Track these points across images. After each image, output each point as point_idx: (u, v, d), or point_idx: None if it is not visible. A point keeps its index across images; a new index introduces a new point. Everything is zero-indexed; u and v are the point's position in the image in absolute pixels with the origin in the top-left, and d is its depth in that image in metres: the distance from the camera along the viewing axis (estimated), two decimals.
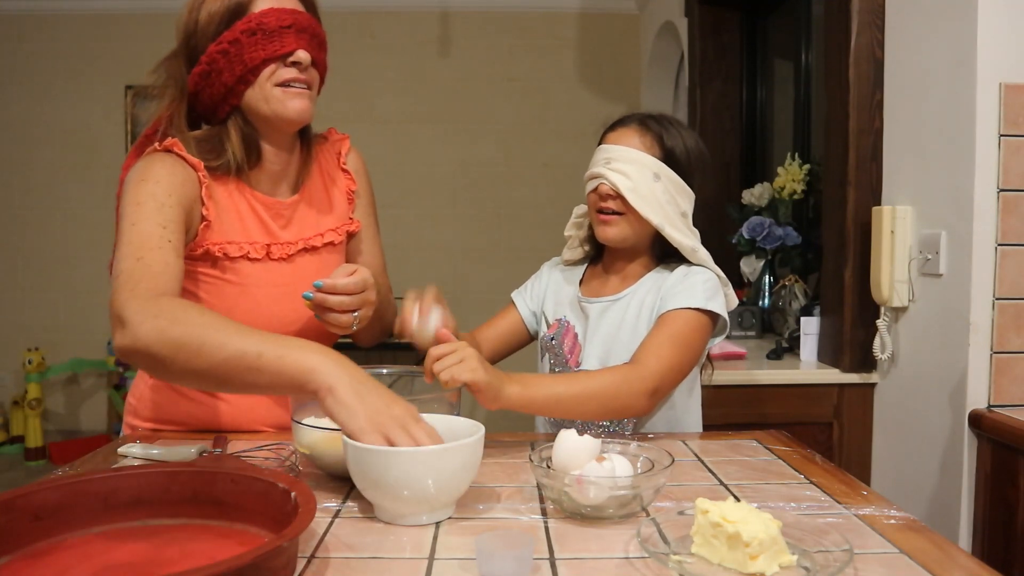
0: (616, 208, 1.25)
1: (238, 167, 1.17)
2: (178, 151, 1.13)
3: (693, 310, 1.20)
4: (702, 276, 1.25)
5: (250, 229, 1.20)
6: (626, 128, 1.28)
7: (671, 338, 1.19)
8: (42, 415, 4.30)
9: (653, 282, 1.29)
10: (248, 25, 1.11)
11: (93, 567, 0.72)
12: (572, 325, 1.34)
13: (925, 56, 1.71)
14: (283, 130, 1.20)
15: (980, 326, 1.54)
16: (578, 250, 1.41)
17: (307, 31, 1.15)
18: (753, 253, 2.56)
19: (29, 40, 4.47)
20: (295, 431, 1.00)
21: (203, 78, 1.15)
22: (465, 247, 4.60)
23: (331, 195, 1.31)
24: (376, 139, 4.22)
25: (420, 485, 0.81)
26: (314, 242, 1.25)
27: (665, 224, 1.24)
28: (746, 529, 0.69)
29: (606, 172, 1.24)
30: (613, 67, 4.57)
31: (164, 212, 1.07)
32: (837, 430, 1.98)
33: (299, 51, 1.13)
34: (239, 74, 1.12)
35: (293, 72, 1.14)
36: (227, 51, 1.12)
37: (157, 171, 1.10)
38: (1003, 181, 1.52)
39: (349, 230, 1.32)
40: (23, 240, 4.55)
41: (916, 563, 0.73)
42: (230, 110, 1.16)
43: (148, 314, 0.94)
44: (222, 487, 0.81)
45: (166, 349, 0.92)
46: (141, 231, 1.05)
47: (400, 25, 4.49)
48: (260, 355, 0.89)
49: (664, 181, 1.24)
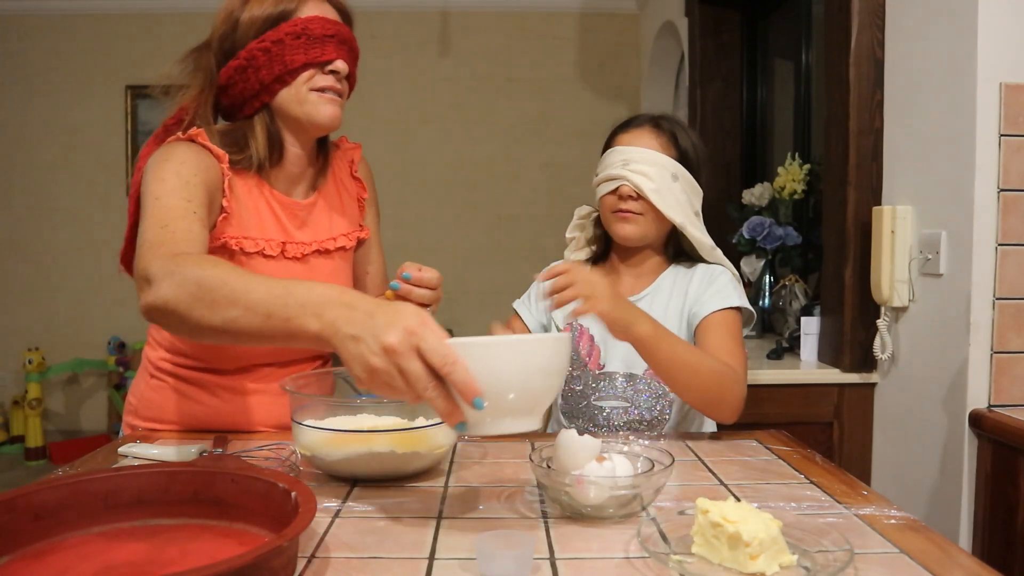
0: (636, 209, 1.26)
1: (259, 164, 1.19)
2: (202, 141, 1.14)
3: (733, 309, 1.24)
4: (726, 276, 1.28)
5: (267, 226, 1.21)
6: (640, 129, 1.30)
7: (733, 338, 1.22)
8: (42, 415, 4.30)
9: (673, 281, 1.30)
10: (294, 28, 1.14)
11: (93, 567, 0.72)
12: (586, 328, 1.34)
13: (925, 56, 1.71)
14: (310, 133, 1.22)
15: (980, 326, 1.54)
16: (584, 250, 1.41)
17: (347, 43, 1.19)
18: (753, 253, 2.55)
19: (29, 40, 4.48)
20: (295, 431, 1.00)
21: (239, 72, 1.17)
22: (465, 247, 4.60)
23: (344, 201, 1.33)
24: (376, 139, 4.21)
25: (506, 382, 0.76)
26: (327, 245, 1.27)
27: (687, 223, 1.26)
28: (746, 529, 0.69)
29: (627, 174, 1.25)
30: (613, 67, 4.57)
31: (189, 188, 1.07)
32: (837, 430, 1.98)
33: (339, 61, 1.17)
34: (278, 73, 1.15)
35: (330, 80, 1.17)
36: (269, 49, 1.14)
37: (182, 153, 1.11)
38: (1003, 181, 1.52)
39: (360, 236, 1.34)
40: (23, 240, 4.55)
41: (916, 563, 0.73)
42: (259, 107, 1.18)
43: (166, 271, 0.92)
44: (222, 487, 0.81)
45: (182, 304, 0.89)
46: (165, 204, 1.04)
47: (400, 25, 4.49)
48: (269, 316, 0.83)
49: (681, 181, 1.27)
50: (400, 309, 0.76)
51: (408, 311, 0.75)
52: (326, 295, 0.80)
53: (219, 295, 0.86)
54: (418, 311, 0.76)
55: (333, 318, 0.78)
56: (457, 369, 0.72)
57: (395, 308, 0.76)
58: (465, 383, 0.72)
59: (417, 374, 0.72)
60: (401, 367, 0.73)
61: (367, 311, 0.76)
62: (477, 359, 0.74)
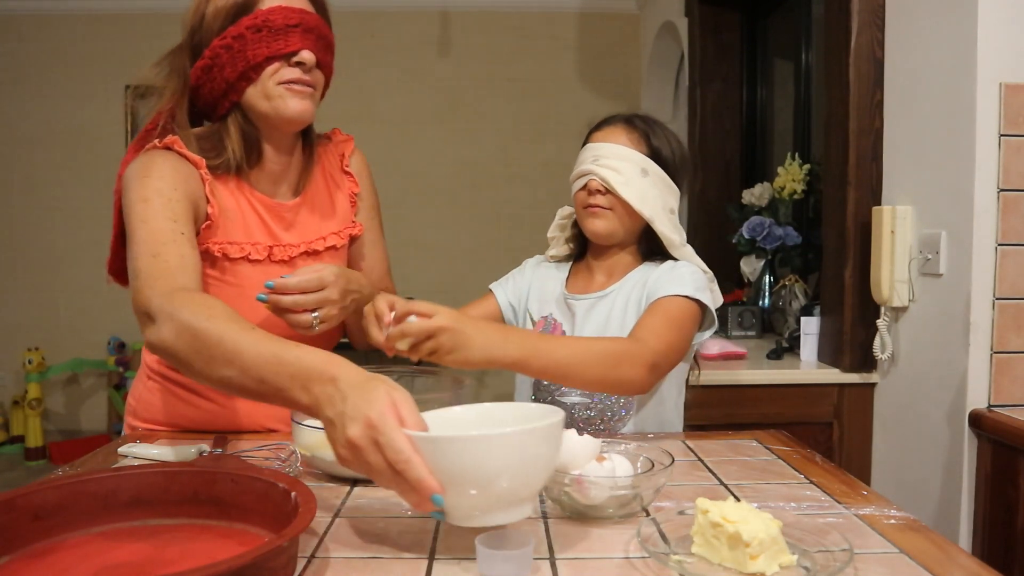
0: (605, 204, 1.26)
1: (238, 166, 1.16)
2: (178, 148, 1.11)
3: (683, 297, 1.21)
4: (689, 269, 1.27)
5: (252, 230, 1.19)
6: (612, 127, 1.30)
7: (665, 320, 1.18)
8: (42, 415, 4.30)
9: (639, 277, 1.30)
10: (254, 22, 1.09)
11: (93, 567, 0.72)
12: (559, 323, 1.34)
13: (925, 56, 1.71)
14: (283, 129, 1.18)
15: (980, 326, 1.54)
16: (564, 247, 1.42)
17: (314, 31, 1.13)
18: (753, 253, 2.56)
19: (29, 40, 4.48)
20: (295, 431, 1.00)
21: (205, 72, 1.13)
22: (465, 247, 4.60)
23: (333, 198, 1.29)
24: (376, 139, 4.22)
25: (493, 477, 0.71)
26: (316, 246, 1.24)
27: (656, 218, 1.25)
28: (746, 529, 0.69)
29: (595, 168, 1.25)
30: (613, 67, 4.57)
31: (172, 207, 1.06)
32: (837, 430, 1.98)
33: (304, 51, 1.11)
34: (241, 70, 1.11)
35: (296, 72, 1.12)
36: (231, 46, 1.10)
37: (160, 166, 1.09)
38: (1003, 181, 1.52)
39: (351, 233, 1.30)
40: (23, 240, 4.55)
41: (916, 563, 0.73)
42: (230, 107, 1.14)
43: (165, 312, 0.92)
44: (222, 487, 0.81)
45: (182, 354, 0.90)
46: (152, 228, 1.03)
47: (400, 25, 4.49)
48: (262, 381, 0.83)
49: (652, 176, 1.26)
50: (372, 395, 0.74)
51: (379, 396, 0.73)
52: (313, 366, 0.79)
53: (216, 352, 0.86)
54: (391, 394, 0.74)
55: (317, 394, 0.78)
56: (410, 468, 0.70)
57: (368, 392, 0.74)
58: (418, 481, 0.70)
59: (379, 467, 0.72)
60: (363, 459, 0.72)
61: (343, 392, 0.75)
62: (439, 454, 0.70)
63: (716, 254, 3.11)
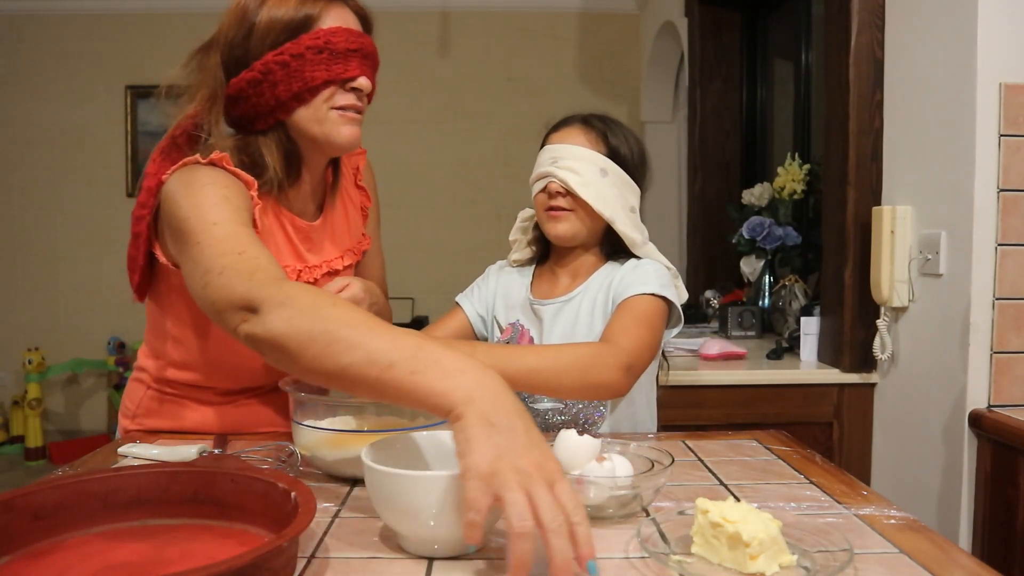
0: (566, 205, 1.26)
1: (279, 184, 1.11)
2: (227, 166, 1.05)
3: (650, 295, 1.21)
4: (652, 266, 1.26)
5: (282, 253, 1.15)
6: (570, 128, 1.30)
7: (636, 319, 1.18)
8: (42, 415, 4.30)
9: (604, 278, 1.29)
10: (315, 41, 1.04)
11: (93, 567, 0.72)
12: (527, 329, 1.34)
13: (925, 56, 1.71)
14: (327, 153, 1.15)
15: (980, 326, 1.54)
16: (526, 250, 1.41)
17: (370, 58, 1.10)
18: (753, 253, 2.56)
19: (29, 40, 4.48)
20: (295, 431, 1.00)
21: (252, 86, 1.07)
22: (465, 247, 4.60)
23: (348, 213, 1.28)
24: (376, 139, 4.20)
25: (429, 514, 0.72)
26: (335, 265, 1.22)
27: (616, 218, 1.25)
28: (746, 529, 0.69)
29: (554, 170, 1.25)
30: (613, 67, 4.58)
31: (241, 214, 1.00)
32: (837, 430, 1.98)
33: (362, 78, 1.08)
34: (296, 91, 1.06)
35: (351, 98, 1.09)
36: (288, 64, 1.05)
37: (215, 178, 1.02)
38: (1003, 181, 1.52)
39: (364, 249, 1.30)
40: (23, 240, 4.56)
41: (916, 563, 0.73)
42: (273, 123, 1.09)
43: (277, 299, 0.83)
44: (222, 487, 0.81)
45: (293, 342, 0.81)
46: (228, 230, 0.95)
47: (400, 25, 4.49)
48: (391, 366, 0.76)
49: (611, 176, 1.26)
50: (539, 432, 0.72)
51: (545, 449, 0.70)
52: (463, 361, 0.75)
53: (339, 336, 0.78)
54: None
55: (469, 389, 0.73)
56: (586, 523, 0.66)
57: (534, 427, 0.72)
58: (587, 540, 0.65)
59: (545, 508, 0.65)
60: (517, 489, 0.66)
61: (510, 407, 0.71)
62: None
63: (716, 254, 3.12)
